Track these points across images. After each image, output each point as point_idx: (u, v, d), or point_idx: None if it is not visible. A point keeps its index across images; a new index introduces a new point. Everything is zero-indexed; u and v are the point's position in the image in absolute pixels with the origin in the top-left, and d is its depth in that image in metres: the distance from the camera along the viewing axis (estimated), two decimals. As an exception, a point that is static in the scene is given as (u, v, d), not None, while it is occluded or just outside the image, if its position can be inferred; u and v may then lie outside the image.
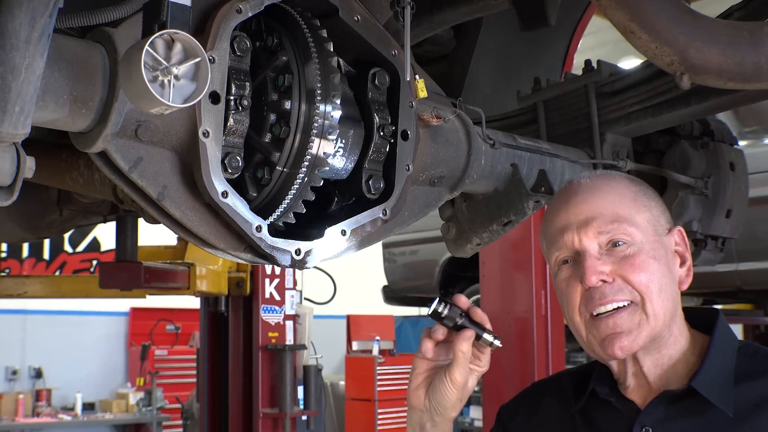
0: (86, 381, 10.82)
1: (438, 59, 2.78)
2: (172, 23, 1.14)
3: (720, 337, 1.37)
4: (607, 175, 1.44)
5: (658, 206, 1.41)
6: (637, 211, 1.37)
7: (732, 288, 5.42)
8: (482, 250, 2.95)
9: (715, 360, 1.33)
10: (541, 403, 1.53)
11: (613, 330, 1.32)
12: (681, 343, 1.37)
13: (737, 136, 3.54)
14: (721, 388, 1.30)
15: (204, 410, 5.99)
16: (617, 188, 1.39)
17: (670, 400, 1.33)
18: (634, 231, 1.34)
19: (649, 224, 1.37)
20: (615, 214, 1.35)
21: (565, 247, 1.37)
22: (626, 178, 1.44)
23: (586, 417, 1.42)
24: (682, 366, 1.36)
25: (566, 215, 1.38)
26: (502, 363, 4.55)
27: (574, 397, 1.46)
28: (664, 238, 1.38)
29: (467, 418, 10.67)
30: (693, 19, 1.55)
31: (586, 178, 1.43)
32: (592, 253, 1.34)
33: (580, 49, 3.16)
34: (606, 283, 1.32)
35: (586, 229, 1.35)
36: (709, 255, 2.55)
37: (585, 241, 1.35)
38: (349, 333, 10.67)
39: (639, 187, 1.42)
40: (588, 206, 1.37)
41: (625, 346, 1.31)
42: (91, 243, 10.74)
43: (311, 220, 1.63)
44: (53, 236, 2.75)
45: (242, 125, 1.45)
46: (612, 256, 1.33)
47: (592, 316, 1.33)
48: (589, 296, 1.33)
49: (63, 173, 1.73)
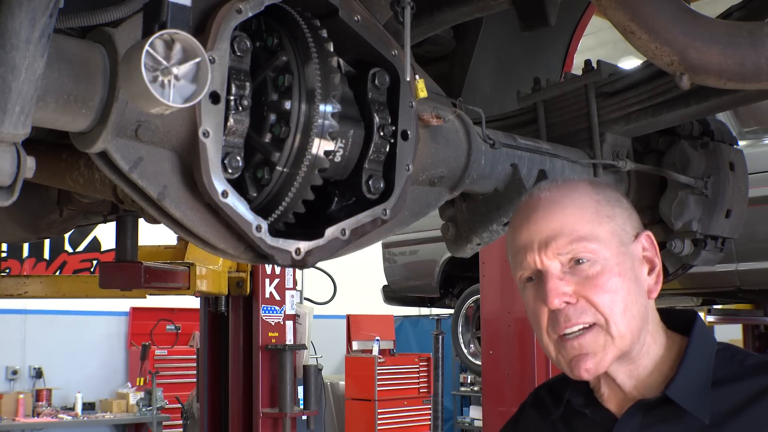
0: (86, 381, 10.82)
1: (438, 59, 2.78)
2: (172, 23, 1.14)
3: (697, 341, 1.35)
4: (568, 186, 1.38)
5: (622, 213, 1.36)
6: (599, 223, 1.32)
7: (732, 288, 5.42)
8: (482, 250, 2.96)
9: (691, 365, 1.32)
10: (521, 414, 1.55)
11: (579, 351, 1.30)
12: (654, 350, 1.35)
13: (737, 136, 3.55)
14: (697, 394, 1.28)
15: (204, 410, 5.99)
16: (578, 201, 1.34)
17: (646, 408, 1.32)
18: (596, 247, 1.30)
19: (612, 236, 1.33)
20: (575, 232, 1.31)
21: (528, 267, 1.34)
22: (588, 187, 1.38)
23: (566, 425, 1.42)
24: (658, 373, 1.34)
25: (527, 233, 1.35)
26: (502, 363, 4.55)
27: (552, 405, 1.46)
28: (630, 246, 1.34)
29: (467, 418, 10.68)
30: (693, 19, 1.55)
31: (546, 190, 1.38)
32: (554, 273, 1.30)
33: (580, 49, 3.16)
34: (570, 305, 1.29)
35: (546, 249, 1.31)
36: (708, 255, 2.55)
37: (546, 261, 1.31)
38: (349, 333, 10.68)
39: (601, 194, 1.37)
40: (548, 224, 1.33)
41: (591, 368, 1.30)
42: (91, 243, 10.75)
43: (311, 220, 1.63)
44: (53, 236, 2.75)
45: (242, 125, 1.45)
46: (575, 275, 1.30)
47: (560, 337, 1.31)
48: (554, 318, 1.30)
49: (63, 173, 1.73)
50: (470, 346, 7.89)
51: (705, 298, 6.14)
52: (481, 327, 5.19)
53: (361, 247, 1.70)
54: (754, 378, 1.29)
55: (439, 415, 8.72)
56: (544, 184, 1.42)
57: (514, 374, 4.49)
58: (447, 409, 10.44)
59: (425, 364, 10.26)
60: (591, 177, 1.49)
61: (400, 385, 10.06)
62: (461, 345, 7.89)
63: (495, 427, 4.58)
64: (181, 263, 4.90)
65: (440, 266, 7.41)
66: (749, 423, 1.26)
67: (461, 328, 7.83)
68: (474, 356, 7.79)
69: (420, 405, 10.23)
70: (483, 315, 4.91)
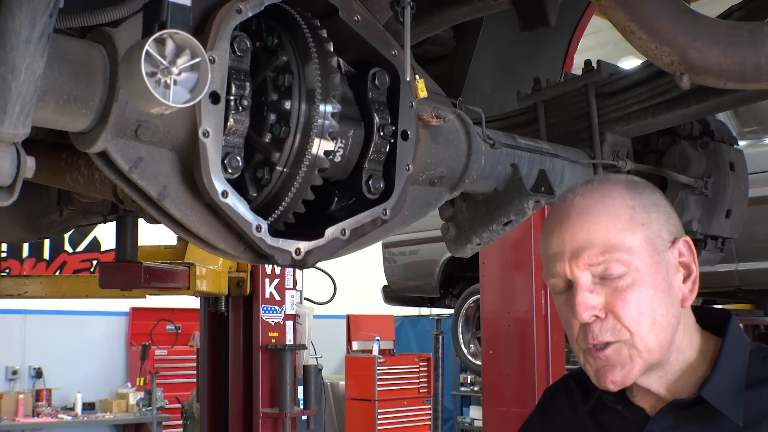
0: (86, 381, 10.82)
1: (438, 59, 2.78)
2: (172, 23, 1.14)
3: (732, 342, 1.34)
4: (603, 191, 1.34)
5: (659, 218, 1.33)
6: (632, 233, 1.30)
7: (732, 288, 5.42)
8: (482, 250, 2.96)
9: (726, 366, 1.31)
10: (551, 402, 1.53)
11: (606, 362, 1.29)
12: (687, 354, 1.34)
13: (737, 136, 3.54)
14: (731, 395, 1.28)
15: (204, 410, 5.99)
16: (612, 208, 1.31)
17: (679, 408, 1.32)
18: (628, 258, 1.28)
19: (647, 244, 1.30)
20: (607, 242, 1.28)
21: (559, 276, 1.33)
22: (624, 190, 1.34)
23: (596, 419, 1.42)
24: (691, 374, 1.34)
25: (559, 240, 1.33)
26: (502, 363, 4.55)
27: (582, 399, 1.45)
28: (665, 254, 1.32)
29: (467, 418, 10.67)
30: (693, 19, 1.55)
31: (580, 195, 1.35)
32: (584, 285, 1.29)
33: (580, 49, 3.17)
34: (598, 319, 1.29)
35: (577, 260, 1.29)
36: (709, 255, 2.55)
37: (576, 272, 1.30)
38: (349, 333, 10.67)
39: (638, 199, 1.33)
40: (580, 233, 1.30)
41: (618, 380, 1.29)
42: (91, 243, 10.75)
43: (311, 220, 1.63)
44: (53, 236, 2.75)
45: (242, 125, 1.45)
46: (605, 287, 1.29)
47: (587, 348, 1.31)
48: (583, 333, 1.30)
49: (63, 173, 1.73)
50: (470, 346, 7.90)
51: (705, 298, 6.15)
52: (481, 327, 5.19)
53: (361, 247, 1.70)
54: None
55: (439, 415, 8.72)
56: (579, 187, 1.38)
57: (514, 374, 4.49)
58: (447, 409, 10.45)
59: (425, 364, 10.26)
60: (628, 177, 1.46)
61: (400, 385, 10.05)
62: (461, 345, 7.89)
63: (495, 427, 4.58)
64: (181, 263, 4.90)
65: (440, 266, 7.42)
66: None
67: (461, 328, 7.84)
68: (474, 356, 7.79)
69: (420, 405, 10.22)
70: (483, 315, 4.91)
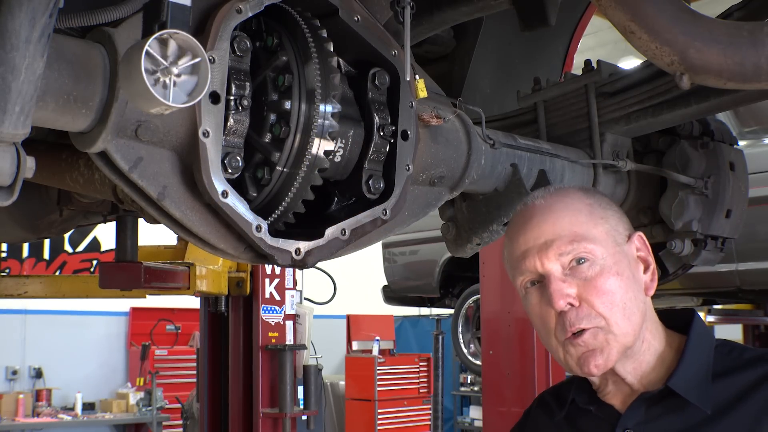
0: (86, 381, 10.82)
1: (438, 59, 2.78)
2: (172, 23, 1.14)
3: (696, 336, 1.39)
4: (560, 192, 1.44)
5: (614, 215, 1.42)
6: (594, 225, 1.37)
7: (732, 288, 5.42)
8: (482, 250, 2.95)
9: (692, 359, 1.36)
10: (528, 419, 1.59)
11: (586, 348, 1.34)
12: (655, 346, 1.40)
13: (737, 136, 3.54)
14: (698, 385, 1.33)
15: (204, 410, 5.99)
16: (571, 205, 1.40)
17: (649, 401, 1.36)
18: (593, 247, 1.35)
19: (608, 236, 1.38)
20: (573, 233, 1.36)
21: (529, 272, 1.38)
22: (579, 192, 1.44)
23: (571, 424, 1.46)
24: (660, 368, 1.39)
25: (525, 239, 1.39)
26: (502, 363, 4.55)
27: (557, 407, 1.50)
28: (624, 246, 1.39)
29: (467, 418, 10.68)
30: (693, 19, 1.55)
31: (540, 198, 1.43)
32: (556, 275, 1.35)
33: (580, 49, 3.16)
34: (573, 308, 1.33)
35: (546, 252, 1.36)
36: (709, 255, 2.55)
37: (547, 264, 1.35)
38: (349, 333, 10.67)
39: (593, 198, 1.42)
40: (545, 228, 1.37)
41: (600, 364, 1.34)
42: (91, 243, 10.75)
43: (311, 220, 1.63)
44: (53, 236, 2.75)
45: (242, 125, 1.45)
46: (576, 277, 1.34)
47: (566, 338, 1.35)
48: (561, 323, 1.34)
49: (63, 173, 1.73)
50: (470, 346, 7.90)
51: (705, 298, 6.14)
52: (481, 327, 5.19)
53: (361, 247, 1.70)
54: (753, 368, 1.34)
55: (439, 415, 8.72)
56: (536, 192, 1.47)
57: (514, 374, 4.49)
58: (447, 409, 10.45)
59: (425, 364, 10.26)
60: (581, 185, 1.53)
61: (400, 385, 10.05)
62: (461, 345, 7.89)
63: (495, 427, 4.58)
64: (181, 263, 4.90)
65: (440, 266, 7.42)
66: (751, 410, 1.29)
67: (461, 328, 7.84)
68: (474, 356, 7.79)
69: (420, 405, 10.22)
70: (483, 315, 4.92)
